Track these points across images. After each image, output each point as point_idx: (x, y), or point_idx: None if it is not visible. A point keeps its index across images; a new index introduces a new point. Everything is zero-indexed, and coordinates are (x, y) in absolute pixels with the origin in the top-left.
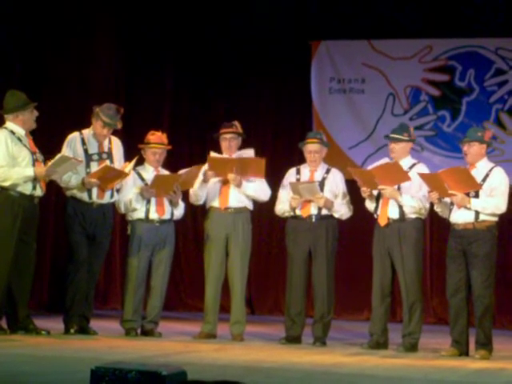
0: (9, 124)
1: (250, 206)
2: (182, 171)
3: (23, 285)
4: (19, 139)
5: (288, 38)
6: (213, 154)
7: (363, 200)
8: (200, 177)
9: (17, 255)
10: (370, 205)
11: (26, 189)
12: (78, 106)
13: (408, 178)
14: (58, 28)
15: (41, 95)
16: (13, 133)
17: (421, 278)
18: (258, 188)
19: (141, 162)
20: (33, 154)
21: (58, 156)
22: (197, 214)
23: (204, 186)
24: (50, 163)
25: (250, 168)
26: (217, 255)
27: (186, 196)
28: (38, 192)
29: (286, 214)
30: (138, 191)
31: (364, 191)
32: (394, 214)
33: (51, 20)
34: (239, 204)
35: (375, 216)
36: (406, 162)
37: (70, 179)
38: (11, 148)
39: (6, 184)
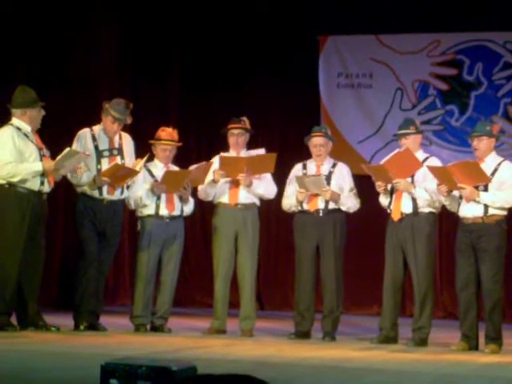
0: (15, 120)
1: (258, 201)
2: (192, 167)
3: (33, 281)
4: (25, 135)
5: (296, 33)
6: (223, 154)
7: (372, 195)
8: (210, 175)
9: (26, 252)
10: (384, 200)
11: (34, 185)
12: (84, 105)
13: (420, 165)
14: (62, 26)
15: (46, 93)
16: (19, 129)
17: (432, 272)
18: (267, 187)
19: (151, 158)
20: (39, 149)
21: (66, 150)
22: (205, 210)
23: (213, 185)
24: (58, 157)
25: (260, 165)
26: (226, 251)
27: (195, 192)
28: (46, 188)
29: (293, 209)
30: (148, 187)
31: (379, 186)
32: (407, 208)
33: (56, 18)
34: (248, 200)
35: (388, 211)
36: (417, 156)
37: (82, 176)
38: (18, 144)
39: (15, 180)
